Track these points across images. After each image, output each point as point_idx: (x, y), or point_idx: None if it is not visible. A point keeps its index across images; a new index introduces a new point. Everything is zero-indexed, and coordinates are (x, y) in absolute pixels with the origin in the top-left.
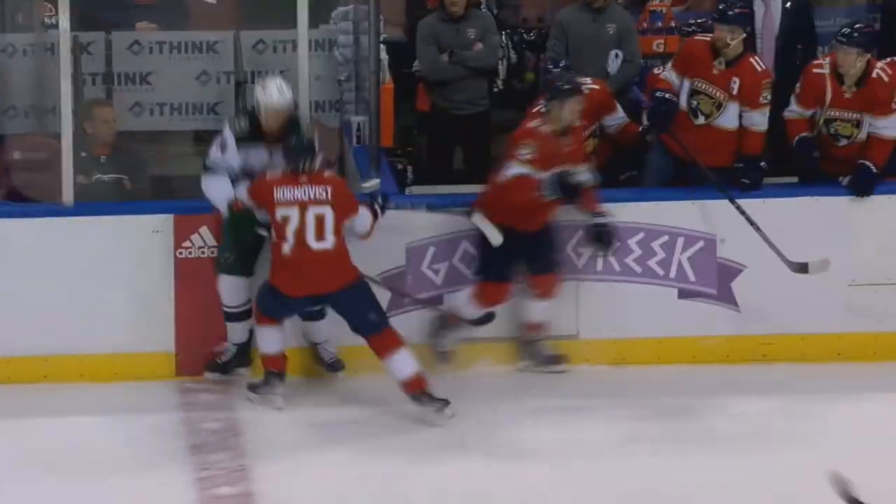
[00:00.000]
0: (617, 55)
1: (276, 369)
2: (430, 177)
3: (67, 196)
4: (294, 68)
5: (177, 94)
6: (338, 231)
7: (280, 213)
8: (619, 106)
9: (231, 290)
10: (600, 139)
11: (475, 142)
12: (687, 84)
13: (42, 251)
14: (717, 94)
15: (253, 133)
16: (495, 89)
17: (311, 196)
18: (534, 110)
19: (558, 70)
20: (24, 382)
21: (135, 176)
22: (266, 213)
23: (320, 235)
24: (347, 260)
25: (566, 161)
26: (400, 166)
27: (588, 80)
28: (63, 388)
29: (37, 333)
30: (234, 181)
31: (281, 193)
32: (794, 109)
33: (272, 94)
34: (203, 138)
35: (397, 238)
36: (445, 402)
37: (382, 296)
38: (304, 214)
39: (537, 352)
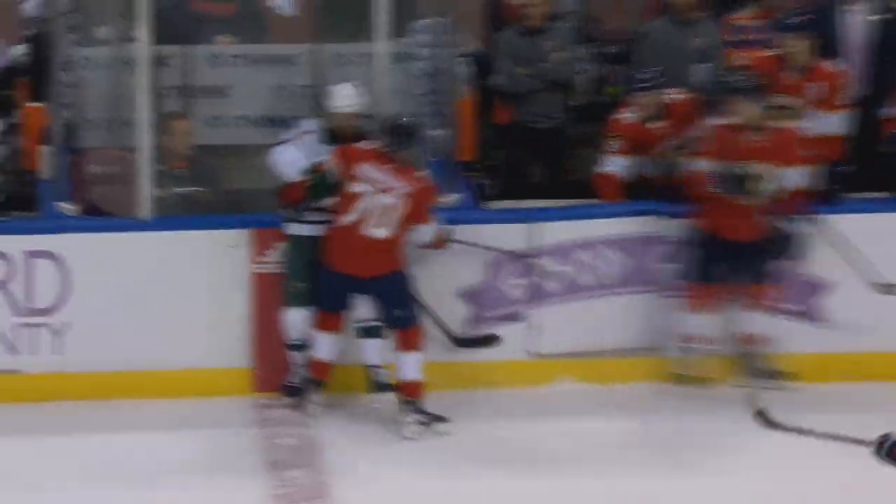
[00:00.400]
0: (702, 69)
1: (316, 376)
2: (509, 191)
3: (145, 210)
4: (372, 82)
5: (254, 107)
6: (400, 227)
7: (355, 186)
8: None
9: (300, 324)
10: (687, 151)
11: (552, 155)
12: (646, 160)
13: (119, 265)
14: (794, 103)
15: (331, 133)
16: (574, 102)
17: (391, 185)
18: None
19: (648, 76)
20: (101, 398)
21: (211, 189)
22: (342, 179)
23: (381, 224)
24: (397, 252)
25: (749, 157)
26: (479, 181)
27: (673, 91)
28: (139, 404)
29: (113, 349)
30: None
31: (365, 168)
32: None
33: (343, 97)
34: None
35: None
36: (439, 418)
37: (461, 310)
38: (375, 198)
39: (756, 367)
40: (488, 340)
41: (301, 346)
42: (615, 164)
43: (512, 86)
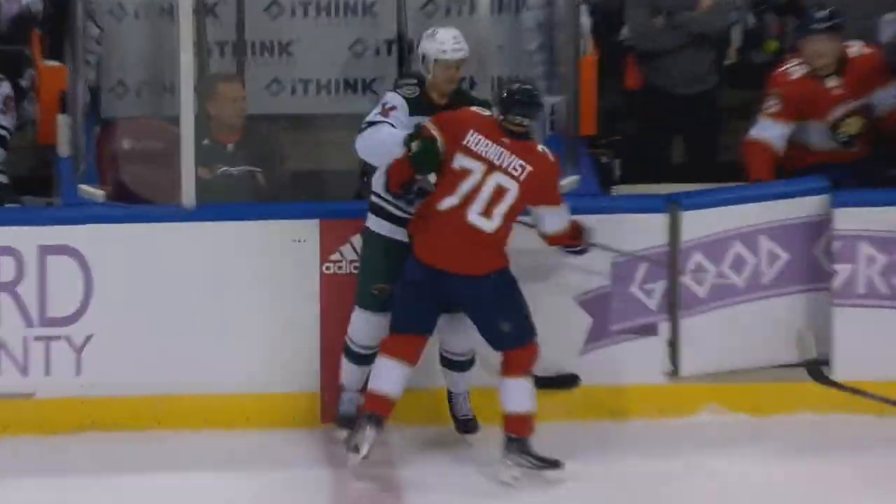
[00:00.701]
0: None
1: (374, 412)
2: (642, 173)
3: (188, 196)
4: (471, 36)
5: (325, 68)
6: (510, 217)
7: (460, 161)
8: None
9: (370, 328)
10: (867, 119)
11: (698, 129)
12: (816, 125)
13: (156, 264)
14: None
15: (421, 99)
16: (726, 62)
17: (505, 164)
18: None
19: (826, 16)
20: (134, 429)
21: (270, 169)
22: (444, 149)
23: (488, 212)
24: (499, 250)
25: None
26: (605, 160)
27: (857, 44)
28: (181, 437)
29: (149, 368)
30: None
31: (475, 140)
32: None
33: (445, 42)
34: (357, 123)
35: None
36: (551, 462)
37: (582, 322)
38: (485, 178)
39: None
40: (566, 382)
41: (364, 358)
42: (770, 130)
43: (646, 41)
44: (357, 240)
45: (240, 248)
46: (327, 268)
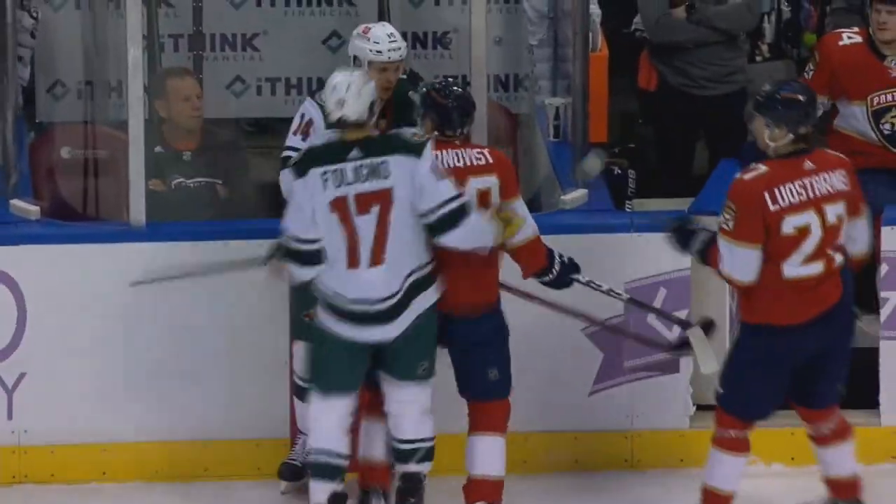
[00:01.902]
0: None
1: (372, 482)
2: (660, 185)
3: (137, 212)
4: (464, 28)
5: (295, 65)
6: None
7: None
8: None
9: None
10: None
11: (724, 135)
12: (856, 109)
13: (100, 291)
14: None
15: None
16: (758, 58)
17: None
18: None
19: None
20: (74, 482)
21: (232, 181)
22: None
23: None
24: (489, 276)
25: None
26: (617, 170)
27: None
28: (129, 490)
29: (91, 412)
30: None
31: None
32: None
33: (381, 40)
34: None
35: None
36: None
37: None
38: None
39: None
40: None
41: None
42: None
43: (663, 34)
44: None
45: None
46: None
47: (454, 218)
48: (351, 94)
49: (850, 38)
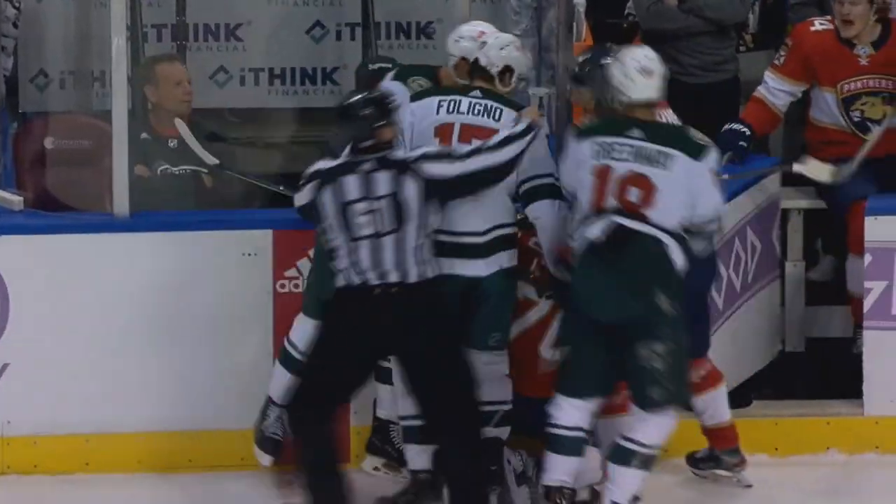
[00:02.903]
0: None
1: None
2: None
3: (121, 203)
4: (448, 18)
5: (279, 55)
6: None
7: None
8: None
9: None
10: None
11: (717, 122)
12: (827, 96)
13: (84, 281)
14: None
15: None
16: (742, 48)
17: None
18: None
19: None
20: (58, 473)
21: (217, 171)
22: None
23: None
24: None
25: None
26: None
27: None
28: (113, 481)
29: (75, 403)
30: None
31: None
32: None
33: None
34: (319, 119)
35: None
36: None
37: None
38: None
39: None
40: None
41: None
42: (769, 83)
43: (654, 21)
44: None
45: (182, 263)
46: (282, 285)
47: None
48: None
49: (821, 24)
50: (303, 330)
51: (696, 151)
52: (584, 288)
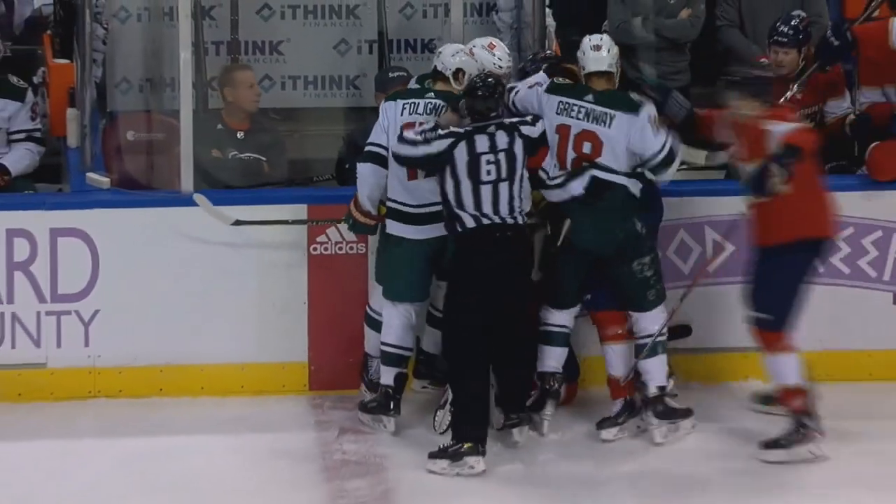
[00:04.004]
0: (798, 16)
1: (618, 397)
2: None
3: (186, 183)
4: (445, 36)
5: (312, 65)
6: None
7: None
8: (846, 93)
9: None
10: (816, 125)
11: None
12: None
13: (157, 245)
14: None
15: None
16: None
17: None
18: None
19: (791, 29)
20: (139, 396)
21: (272, 158)
22: None
23: None
24: None
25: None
26: None
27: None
28: (181, 403)
29: (151, 340)
30: None
31: None
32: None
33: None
34: (343, 117)
35: None
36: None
37: None
38: None
39: None
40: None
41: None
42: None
43: (622, 36)
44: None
45: (235, 231)
46: (314, 249)
47: None
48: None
49: (769, 70)
50: (376, 294)
51: (633, 108)
52: (577, 232)
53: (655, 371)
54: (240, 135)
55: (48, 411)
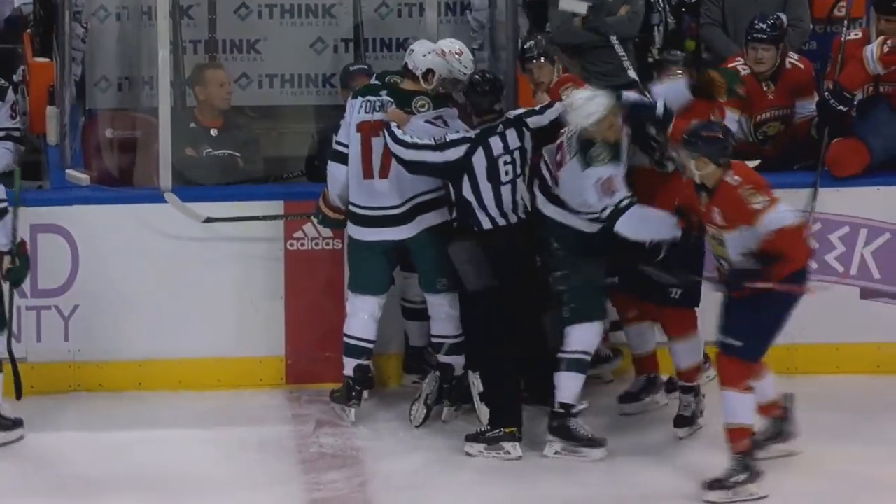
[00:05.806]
0: (780, 19)
1: (644, 372)
2: None
3: (165, 180)
4: (420, 35)
5: (289, 64)
6: None
7: None
8: (816, 94)
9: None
10: (786, 125)
11: None
12: (742, 119)
13: (136, 241)
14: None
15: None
16: (650, 59)
17: None
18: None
19: (768, 27)
20: (117, 390)
21: (247, 154)
22: None
23: None
24: None
25: None
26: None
27: (794, 56)
28: (159, 397)
29: (131, 335)
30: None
31: None
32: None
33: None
34: (320, 114)
35: None
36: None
37: None
38: None
39: None
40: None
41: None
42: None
43: (564, 37)
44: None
45: (212, 227)
46: (291, 244)
47: None
48: None
49: (743, 68)
50: (411, 287)
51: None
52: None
53: (566, 388)
54: (213, 132)
55: (29, 405)
